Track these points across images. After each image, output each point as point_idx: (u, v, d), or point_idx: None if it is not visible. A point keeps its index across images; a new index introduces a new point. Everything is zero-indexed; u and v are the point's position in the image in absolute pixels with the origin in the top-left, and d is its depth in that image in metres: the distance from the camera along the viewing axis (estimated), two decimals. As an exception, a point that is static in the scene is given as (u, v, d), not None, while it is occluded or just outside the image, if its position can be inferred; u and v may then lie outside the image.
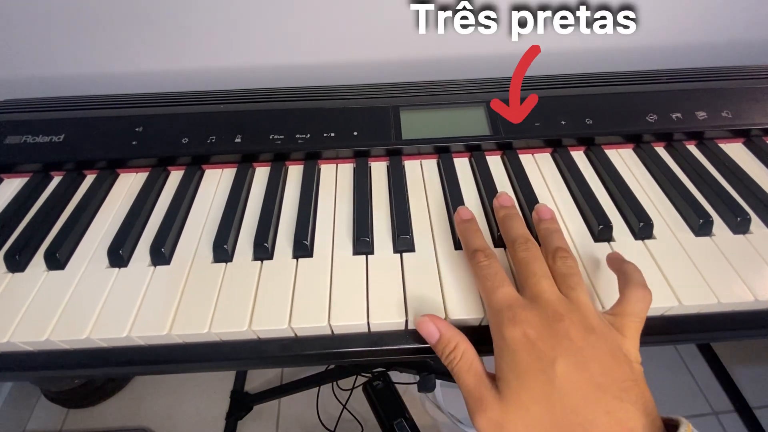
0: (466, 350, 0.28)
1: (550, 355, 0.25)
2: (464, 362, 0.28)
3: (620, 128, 0.46)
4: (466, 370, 0.27)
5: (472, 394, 0.26)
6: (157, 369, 0.34)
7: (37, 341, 0.32)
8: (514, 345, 0.26)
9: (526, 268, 0.30)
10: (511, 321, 0.27)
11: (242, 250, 0.37)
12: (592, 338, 0.26)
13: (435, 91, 0.50)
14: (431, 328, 0.29)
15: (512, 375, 0.25)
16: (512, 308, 0.27)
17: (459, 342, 0.28)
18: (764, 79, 0.50)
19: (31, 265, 0.37)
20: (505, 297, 0.28)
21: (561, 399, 0.24)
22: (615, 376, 0.25)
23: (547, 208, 0.36)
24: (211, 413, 0.92)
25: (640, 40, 0.61)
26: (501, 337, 0.27)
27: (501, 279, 0.30)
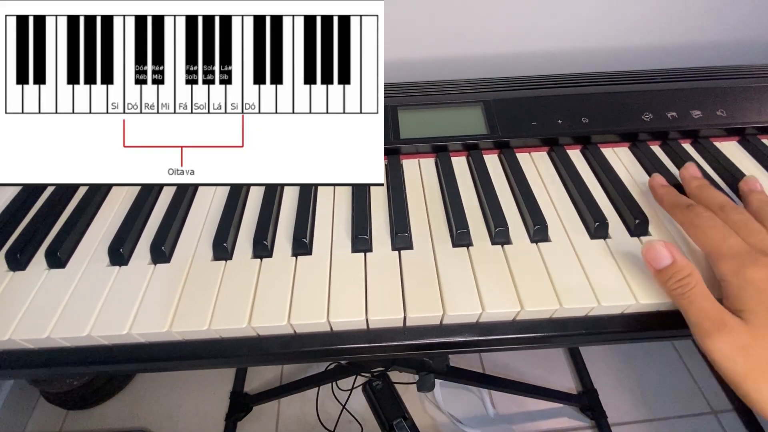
0: (699, 278, 0.29)
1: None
2: (699, 288, 0.29)
3: (616, 127, 0.47)
4: (701, 295, 0.29)
5: (713, 318, 0.28)
6: (158, 366, 0.34)
7: (38, 339, 0.32)
8: (759, 283, 0.28)
9: (746, 227, 0.32)
10: (753, 262, 0.29)
11: (242, 248, 0.38)
12: None
13: (432, 90, 0.51)
14: (663, 252, 0.31)
15: (759, 305, 0.27)
16: (750, 253, 0.29)
17: (693, 270, 0.30)
18: (759, 78, 0.51)
19: (32, 263, 0.37)
20: (738, 244, 0.30)
21: None
22: None
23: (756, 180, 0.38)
24: (211, 414, 0.92)
25: (636, 41, 0.61)
26: (744, 277, 0.28)
27: (728, 230, 0.31)
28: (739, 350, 0.26)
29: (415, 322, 0.33)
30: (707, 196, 0.36)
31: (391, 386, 0.84)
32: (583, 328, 0.33)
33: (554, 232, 0.38)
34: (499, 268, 0.35)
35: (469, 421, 0.90)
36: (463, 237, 0.37)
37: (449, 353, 0.69)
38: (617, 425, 0.89)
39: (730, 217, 0.33)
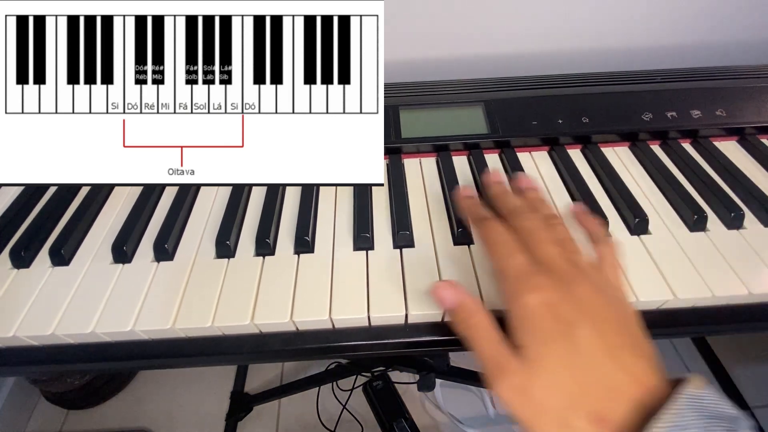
0: (483, 317, 0.28)
1: (571, 319, 0.25)
2: (482, 329, 0.27)
3: (616, 127, 0.47)
4: (484, 337, 0.27)
5: (492, 361, 0.26)
6: (160, 363, 0.34)
7: (42, 335, 0.32)
8: (535, 311, 0.25)
9: (532, 235, 0.30)
10: (529, 287, 0.26)
11: (244, 246, 0.38)
12: (603, 299, 0.26)
13: (433, 90, 0.51)
14: (448, 293, 0.29)
15: (535, 341, 0.25)
16: (529, 275, 0.27)
17: (477, 310, 0.28)
18: (757, 79, 0.51)
19: (36, 261, 0.37)
20: (521, 264, 0.28)
21: (584, 361, 0.24)
22: (628, 334, 0.25)
23: (528, 178, 0.36)
24: (211, 414, 0.92)
25: (636, 41, 0.62)
26: (521, 305, 0.26)
27: (514, 246, 0.29)
28: (519, 395, 0.24)
29: (417, 319, 0.33)
30: (503, 200, 0.34)
31: (392, 386, 0.84)
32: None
33: (555, 230, 0.38)
34: (500, 266, 0.35)
35: (469, 421, 0.90)
36: (464, 235, 0.37)
37: (451, 351, 0.69)
38: (617, 425, 0.89)
39: (520, 224, 0.31)
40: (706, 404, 0.22)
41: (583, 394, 0.23)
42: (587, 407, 0.23)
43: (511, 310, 0.27)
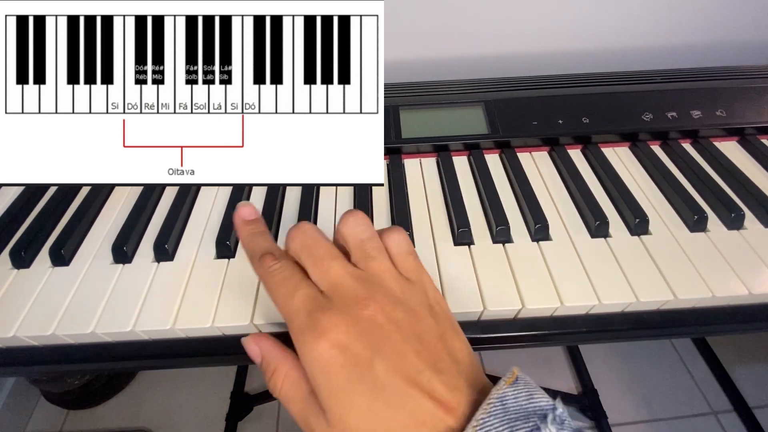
0: (288, 373, 0.24)
1: (365, 356, 0.22)
2: (286, 388, 0.24)
3: (616, 127, 0.47)
4: (289, 397, 0.24)
5: (302, 421, 0.23)
6: (161, 364, 0.34)
7: (43, 336, 0.32)
8: (324, 363, 0.22)
9: (310, 253, 0.25)
10: (314, 333, 0.22)
11: (244, 246, 0.38)
12: (399, 312, 0.23)
13: (434, 90, 0.51)
14: (252, 348, 0.26)
15: (332, 399, 0.22)
16: (312, 315, 0.23)
17: (280, 364, 0.25)
18: (758, 79, 0.51)
19: (36, 261, 0.37)
20: (303, 302, 0.23)
21: (388, 400, 0.21)
22: (429, 349, 0.23)
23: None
24: (211, 414, 0.92)
25: (636, 41, 0.62)
26: (309, 358, 0.22)
27: (297, 281, 0.25)
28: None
29: (417, 319, 0.33)
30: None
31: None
32: (583, 326, 0.34)
33: (555, 230, 0.38)
34: (501, 266, 0.35)
35: (470, 420, 0.90)
36: (465, 236, 0.37)
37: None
38: (617, 425, 0.89)
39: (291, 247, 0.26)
40: (511, 403, 0.20)
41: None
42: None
43: (304, 365, 0.23)
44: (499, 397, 0.21)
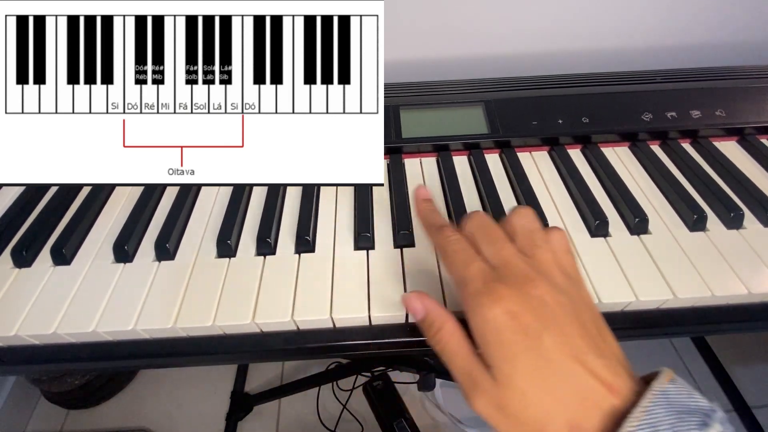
0: (453, 331, 0.26)
1: (535, 328, 0.24)
2: (453, 343, 0.26)
3: (616, 127, 0.47)
4: (455, 352, 0.26)
5: (465, 377, 0.25)
6: (162, 362, 0.34)
7: (44, 334, 0.32)
8: (497, 325, 0.24)
9: (486, 233, 0.28)
10: (490, 298, 0.25)
11: (245, 245, 0.38)
12: (565, 299, 0.25)
13: (434, 90, 0.51)
14: (416, 305, 0.28)
15: (502, 359, 0.24)
16: (488, 284, 0.25)
17: (446, 321, 0.27)
18: (757, 79, 0.51)
19: (37, 260, 0.37)
20: (479, 272, 0.26)
21: (554, 372, 0.23)
22: (592, 335, 0.24)
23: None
24: (211, 414, 0.92)
25: (636, 41, 0.62)
26: (482, 319, 0.24)
27: (472, 253, 0.27)
28: (495, 411, 0.24)
29: (418, 319, 0.33)
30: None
31: (392, 386, 0.84)
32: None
33: (555, 230, 0.38)
34: (501, 265, 0.35)
35: (470, 421, 0.90)
36: (465, 235, 0.37)
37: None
38: (617, 425, 0.89)
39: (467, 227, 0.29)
40: (674, 398, 0.21)
41: (557, 404, 0.23)
42: (563, 417, 0.22)
43: (473, 325, 0.25)
44: (662, 390, 0.22)
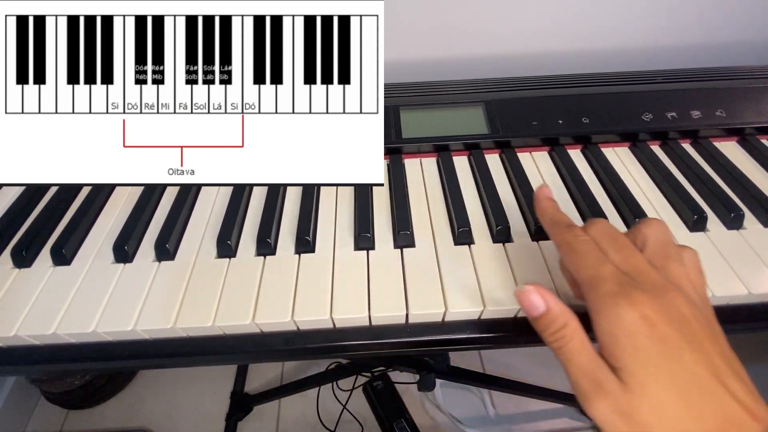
0: (577, 328, 0.25)
1: (675, 339, 0.23)
2: (576, 342, 0.25)
3: (616, 127, 0.47)
4: (578, 350, 0.25)
5: (588, 378, 0.24)
6: (161, 363, 0.34)
7: (44, 335, 0.32)
8: (633, 328, 0.23)
9: (614, 240, 0.27)
10: (626, 300, 0.23)
11: (245, 246, 0.38)
12: (700, 316, 0.24)
13: (434, 91, 0.51)
14: (536, 300, 0.27)
15: (635, 362, 0.23)
16: (623, 286, 0.24)
17: (570, 319, 0.26)
18: (757, 79, 0.51)
19: (37, 260, 0.37)
20: (612, 274, 0.25)
21: (694, 388, 0.22)
22: (727, 356, 0.23)
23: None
24: (211, 414, 0.92)
25: (636, 41, 0.62)
26: (616, 320, 0.23)
27: (603, 255, 0.26)
28: (620, 417, 0.22)
29: (418, 319, 0.33)
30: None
31: (392, 386, 0.84)
32: (585, 324, 0.33)
33: (555, 230, 0.38)
34: (501, 265, 0.35)
35: (470, 421, 0.90)
36: (465, 235, 0.37)
37: (451, 350, 0.69)
38: (617, 425, 0.89)
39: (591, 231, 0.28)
40: None
41: (695, 422, 0.22)
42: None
43: (603, 326, 0.24)
44: None
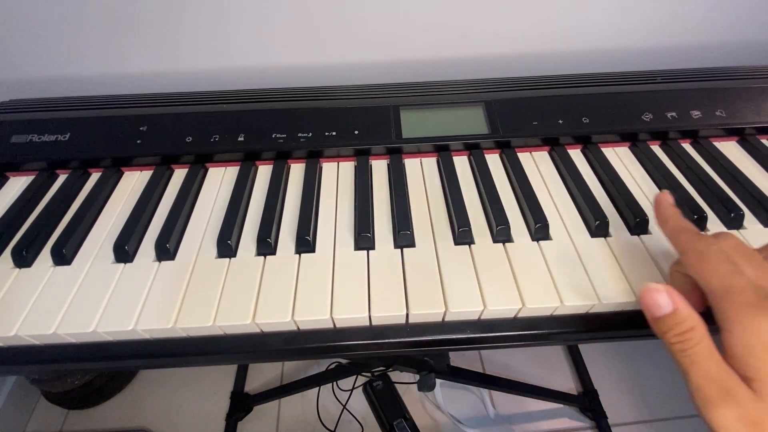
0: (705, 333, 0.25)
1: None
2: (704, 346, 0.24)
3: (616, 127, 0.47)
4: (706, 355, 0.24)
5: (715, 385, 0.23)
6: (162, 363, 0.34)
7: (44, 335, 0.32)
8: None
9: (747, 256, 0.27)
10: (766, 312, 0.24)
11: (245, 245, 0.38)
12: None
13: (434, 90, 0.51)
14: (664, 299, 0.26)
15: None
16: (761, 299, 0.24)
17: (698, 323, 0.25)
18: (757, 79, 0.51)
19: (37, 260, 0.37)
20: (749, 285, 0.25)
21: None
22: None
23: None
24: (212, 414, 0.92)
25: (636, 41, 0.62)
26: (754, 330, 0.23)
27: (736, 267, 0.26)
28: (747, 427, 0.22)
29: (418, 319, 0.33)
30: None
31: (392, 386, 0.84)
32: (584, 325, 0.34)
33: (555, 230, 0.38)
34: (501, 265, 0.35)
35: (470, 421, 0.90)
36: (465, 235, 0.37)
37: (451, 350, 0.69)
38: (617, 426, 0.89)
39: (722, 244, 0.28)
40: None
41: None
42: None
43: (737, 335, 0.24)
44: None
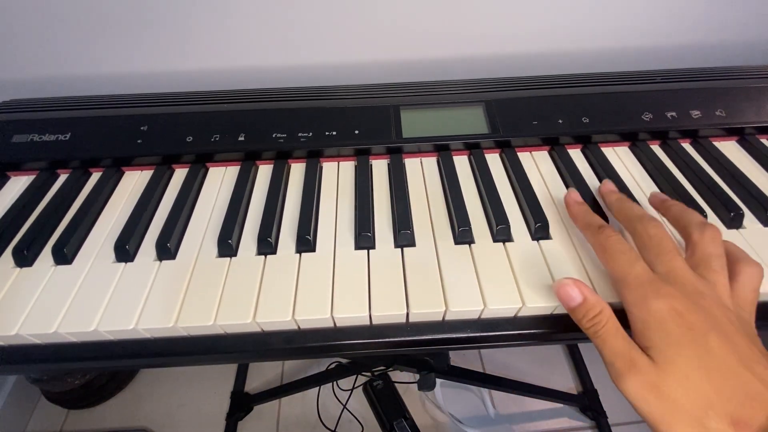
0: (611, 315, 0.28)
1: (701, 328, 0.25)
2: (611, 326, 0.28)
3: (616, 127, 0.47)
4: (613, 333, 0.27)
5: (622, 357, 0.26)
6: (162, 362, 0.34)
7: (45, 334, 0.32)
8: (661, 316, 0.26)
9: (660, 244, 0.30)
10: (655, 294, 0.27)
11: (246, 245, 0.38)
12: (731, 315, 0.27)
13: (434, 90, 0.51)
14: (573, 291, 0.30)
15: (665, 344, 0.26)
16: (653, 282, 0.28)
17: (604, 307, 0.29)
18: (757, 79, 0.51)
19: (38, 260, 0.37)
20: (644, 271, 0.29)
21: (719, 367, 0.24)
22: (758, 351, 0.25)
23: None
24: (212, 413, 0.92)
25: (636, 41, 0.62)
26: (646, 309, 0.27)
27: (636, 254, 0.30)
28: (650, 392, 0.25)
29: (418, 318, 0.33)
30: (626, 207, 0.35)
31: (392, 386, 0.84)
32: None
33: (555, 229, 0.38)
34: (501, 264, 0.35)
35: (470, 421, 0.90)
36: (465, 234, 0.37)
37: (451, 349, 0.69)
38: (617, 425, 0.89)
39: (647, 231, 0.31)
40: None
41: (720, 397, 0.24)
42: (726, 411, 0.23)
43: (635, 314, 0.28)
44: None
